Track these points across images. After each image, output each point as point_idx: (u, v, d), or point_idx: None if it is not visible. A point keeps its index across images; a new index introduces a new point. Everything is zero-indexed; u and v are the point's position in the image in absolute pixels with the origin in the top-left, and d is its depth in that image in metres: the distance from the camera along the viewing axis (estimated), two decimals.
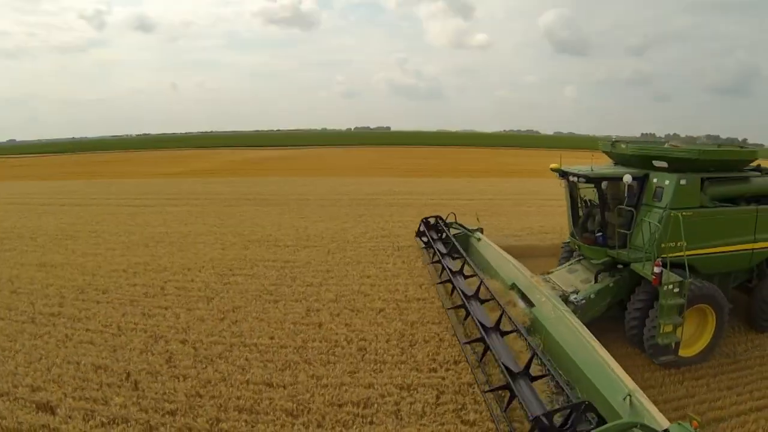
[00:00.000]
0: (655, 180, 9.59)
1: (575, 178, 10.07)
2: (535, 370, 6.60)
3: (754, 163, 10.79)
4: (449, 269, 10.74)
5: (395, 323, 9.56)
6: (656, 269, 8.52)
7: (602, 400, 5.92)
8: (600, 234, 10.11)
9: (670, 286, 8.32)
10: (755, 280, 10.38)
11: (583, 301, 9.36)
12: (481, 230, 13.86)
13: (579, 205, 10.70)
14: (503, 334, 7.67)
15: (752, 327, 10.43)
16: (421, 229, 14.42)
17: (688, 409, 7.74)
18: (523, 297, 9.30)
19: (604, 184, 9.73)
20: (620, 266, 9.85)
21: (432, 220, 14.68)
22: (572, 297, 9.47)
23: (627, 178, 9.19)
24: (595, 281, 9.97)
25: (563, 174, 10.45)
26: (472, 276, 10.44)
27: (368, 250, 15.34)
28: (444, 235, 13.46)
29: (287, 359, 8.50)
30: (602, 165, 10.75)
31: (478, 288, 9.42)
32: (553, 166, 10.57)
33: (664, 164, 9.52)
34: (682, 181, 9.21)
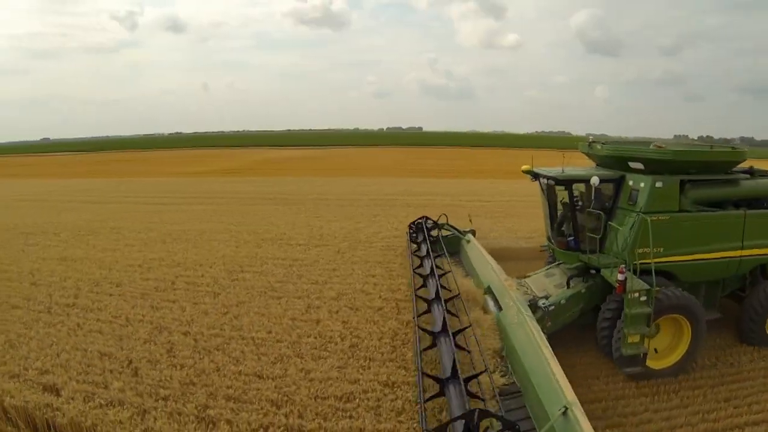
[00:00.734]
0: (630, 182, 9.42)
1: (545, 180, 10.05)
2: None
3: (746, 165, 10.52)
4: (418, 274, 11.00)
5: (391, 322, 9.97)
6: (620, 276, 8.48)
7: (542, 409, 6.05)
8: (572, 238, 10.03)
9: (636, 295, 8.19)
10: (748, 289, 10.03)
11: (552, 307, 9.26)
12: (473, 232, 14.04)
13: (556, 207, 10.60)
14: (456, 334, 7.64)
15: (741, 339, 10.08)
16: (412, 231, 14.56)
17: (679, 420, 7.83)
18: (495, 300, 9.44)
19: (573, 187, 9.72)
20: (593, 272, 9.71)
21: (426, 222, 14.83)
22: (541, 302, 9.35)
23: (594, 181, 9.04)
24: (567, 287, 9.91)
25: (535, 176, 10.39)
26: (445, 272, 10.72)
27: (378, 249, 15.80)
28: (428, 237, 13.50)
29: (281, 353, 9.04)
30: (579, 167, 10.58)
31: (438, 291, 9.44)
32: (524, 167, 10.51)
33: (640, 166, 9.33)
34: (658, 184, 8.98)
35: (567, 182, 9.76)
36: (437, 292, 9.24)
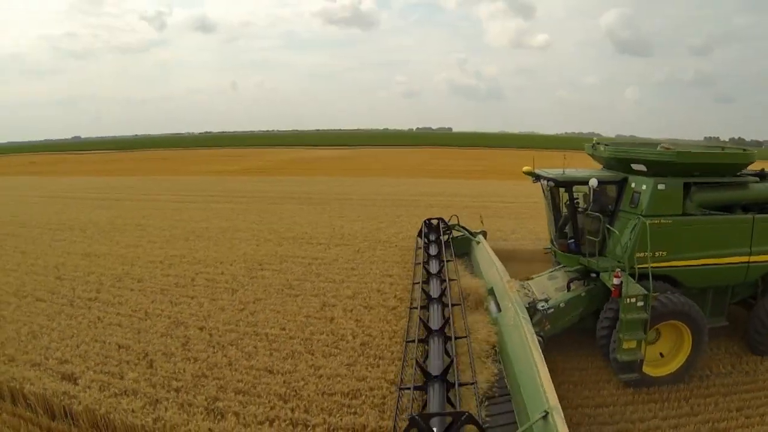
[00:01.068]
0: (633, 184, 9.29)
1: (546, 182, 10.00)
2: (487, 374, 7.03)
3: (757, 168, 10.23)
4: (427, 271, 11.07)
5: (403, 321, 10.07)
6: (615, 281, 8.37)
7: (525, 412, 6.08)
8: (572, 240, 9.95)
9: (633, 300, 8.06)
10: (759, 298, 9.70)
11: (551, 310, 9.20)
12: (485, 233, 14.03)
13: (557, 209, 10.48)
14: (447, 338, 7.75)
15: (748, 349, 9.75)
16: (424, 230, 14.62)
17: (688, 428, 7.65)
18: (496, 302, 9.48)
19: (575, 189, 9.65)
20: (594, 275, 9.58)
21: (434, 222, 14.91)
22: (540, 305, 9.29)
23: (593, 182, 8.99)
24: (568, 290, 9.83)
25: (537, 177, 10.33)
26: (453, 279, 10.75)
27: (397, 249, 15.96)
28: (442, 237, 13.61)
29: (292, 349, 9.29)
30: (583, 169, 10.46)
31: (443, 291, 9.67)
32: (525, 168, 10.46)
33: (643, 168, 9.20)
34: (661, 186, 8.84)
35: (567, 184, 9.72)
36: (443, 292, 9.48)
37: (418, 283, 10.62)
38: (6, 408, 8.05)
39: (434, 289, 9.92)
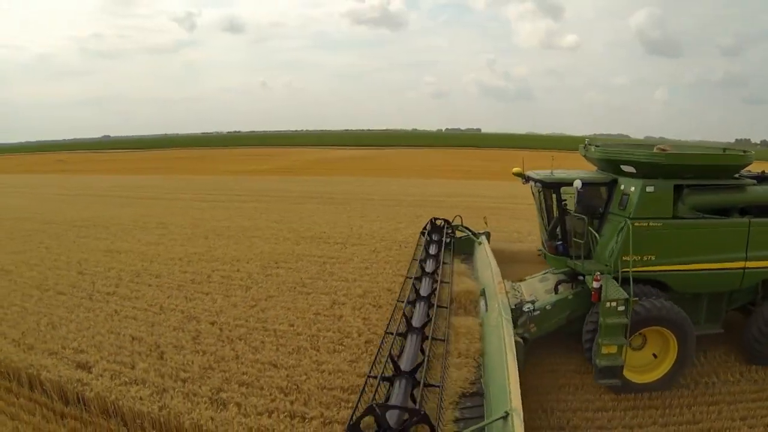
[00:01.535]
0: (622, 186, 9.30)
1: (533, 183, 10.08)
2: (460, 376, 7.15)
3: (753, 169, 10.09)
4: (422, 268, 11.37)
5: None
6: (595, 284, 8.44)
7: (490, 411, 6.23)
8: (560, 243, 10.00)
9: (613, 304, 8.06)
10: (759, 304, 9.51)
11: (537, 312, 9.28)
12: (488, 234, 14.17)
13: (546, 211, 10.48)
14: (426, 336, 7.95)
15: (745, 357, 9.59)
16: (427, 228, 14.89)
17: None
18: (486, 302, 9.61)
19: (562, 190, 9.68)
20: (581, 278, 9.60)
21: (439, 222, 15.16)
22: (526, 307, 9.41)
23: (577, 184, 9.01)
24: (555, 292, 9.92)
25: (526, 179, 10.42)
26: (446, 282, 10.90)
27: (413, 250, 16.22)
28: (444, 238, 13.88)
29: (298, 345, 9.71)
30: (574, 170, 10.45)
31: (434, 290, 9.87)
32: (515, 170, 10.56)
33: (632, 169, 9.17)
34: (649, 188, 8.81)
35: (554, 185, 9.81)
36: (432, 292, 9.74)
37: (411, 278, 10.84)
38: (23, 393, 8.71)
39: (424, 288, 10.19)
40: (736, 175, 9.69)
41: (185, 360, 9.25)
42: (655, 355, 8.87)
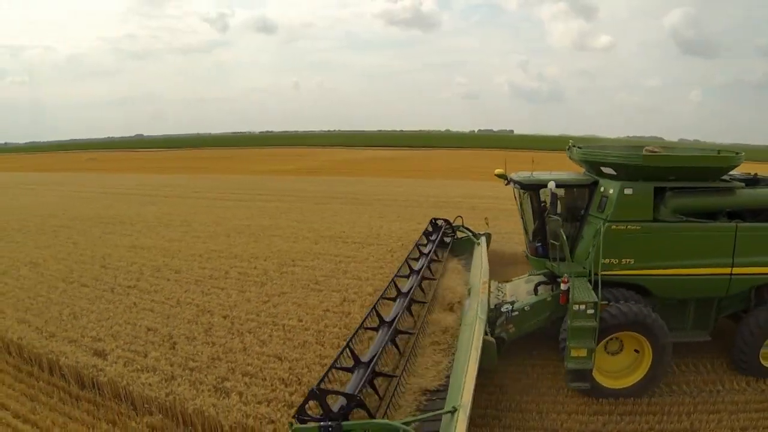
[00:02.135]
0: (602, 188, 9.34)
1: (514, 185, 10.21)
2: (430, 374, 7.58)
3: (740, 171, 10.00)
4: (410, 267, 11.82)
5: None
6: (563, 286, 8.58)
7: (445, 405, 6.41)
8: (539, 244, 10.09)
9: (582, 307, 8.14)
10: (751, 311, 9.37)
11: (516, 313, 9.39)
12: (488, 235, 14.37)
13: (529, 213, 10.56)
14: (398, 332, 8.48)
15: (733, 366, 9.50)
16: (429, 228, 15.19)
17: None
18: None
19: (541, 192, 9.76)
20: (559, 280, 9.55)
21: (440, 222, 15.52)
22: (504, 307, 9.54)
23: (551, 185, 9.10)
24: (535, 293, 10.05)
25: (508, 180, 10.51)
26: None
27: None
28: (437, 237, 14.28)
29: (304, 339, 10.18)
30: (556, 172, 10.51)
31: (413, 287, 10.40)
32: (497, 171, 10.66)
33: (612, 171, 9.20)
34: (627, 191, 8.82)
35: (532, 187, 9.92)
36: (410, 289, 10.21)
37: (399, 276, 11.28)
38: (43, 377, 9.54)
39: (408, 284, 10.61)
40: (726, 178, 9.64)
41: (195, 350, 9.85)
42: (637, 351, 8.88)
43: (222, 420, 7.56)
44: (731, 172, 9.78)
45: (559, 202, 9.35)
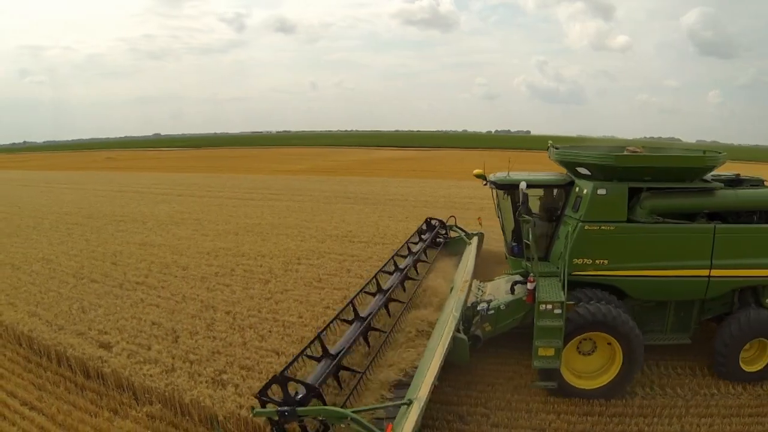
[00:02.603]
0: (577, 188, 9.39)
1: (490, 185, 10.28)
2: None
3: (723, 171, 9.96)
4: (395, 264, 12.12)
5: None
6: (529, 285, 8.69)
7: (405, 396, 6.73)
8: (515, 244, 10.22)
9: (548, 307, 8.20)
10: (733, 315, 9.30)
11: (492, 312, 9.45)
12: (482, 235, 14.56)
13: (505, 212, 10.61)
14: (370, 327, 8.93)
15: (714, 369, 9.44)
16: (423, 227, 15.43)
17: None
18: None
19: (515, 192, 9.69)
20: None
21: (434, 222, 15.74)
22: (481, 306, 9.63)
23: (522, 185, 9.17)
24: (511, 293, 10.05)
25: (487, 181, 10.53)
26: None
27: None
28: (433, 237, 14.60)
29: (302, 335, 10.51)
30: (537, 172, 10.61)
31: (393, 287, 10.74)
32: (476, 171, 10.68)
33: (587, 171, 9.24)
34: (600, 191, 8.82)
35: (505, 187, 10.01)
36: (391, 287, 10.59)
37: (383, 272, 11.56)
38: (51, 367, 10.03)
39: (389, 282, 10.94)
40: (709, 178, 9.63)
41: (197, 344, 10.29)
42: (609, 343, 8.86)
43: (217, 410, 7.94)
44: (715, 173, 9.74)
45: (530, 202, 9.46)
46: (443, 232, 15.14)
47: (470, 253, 12.74)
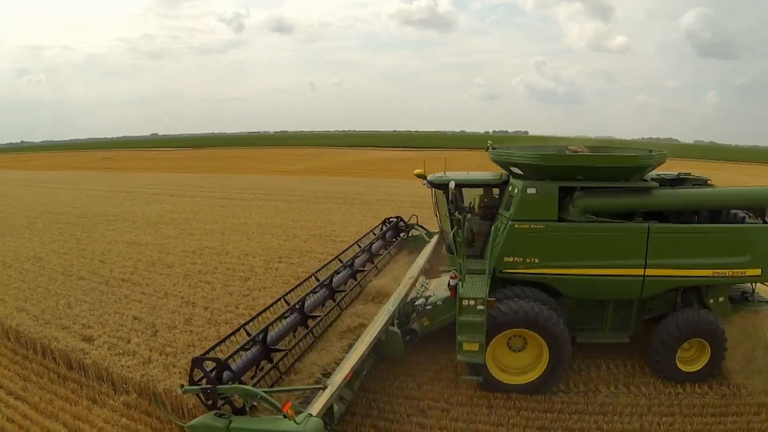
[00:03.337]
0: (510, 188, 9.58)
1: (426, 184, 10.52)
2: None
3: (668, 170, 10.11)
4: (340, 261, 12.70)
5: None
6: (451, 281, 9.02)
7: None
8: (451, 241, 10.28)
9: (472, 302, 8.38)
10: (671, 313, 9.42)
11: (429, 307, 9.86)
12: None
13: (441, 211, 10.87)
14: (309, 317, 9.68)
15: (651, 367, 9.60)
16: (383, 227, 16.02)
17: None
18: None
19: (448, 191, 9.83)
20: None
21: (393, 220, 16.41)
22: (418, 301, 10.04)
23: (451, 185, 9.31)
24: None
25: (426, 180, 10.70)
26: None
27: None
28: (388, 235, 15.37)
29: None
30: (473, 172, 10.92)
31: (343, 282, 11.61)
32: (417, 171, 10.94)
33: (519, 171, 9.37)
34: (530, 190, 8.93)
35: (441, 186, 10.15)
36: (331, 278, 11.27)
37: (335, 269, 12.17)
38: (36, 359, 10.64)
39: (338, 278, 11.64)
40: (650, 177, 9.72)
41: (174, 338, 10.85)
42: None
43: (186, 399, 8.46)
44: (657, 172, 9.92)
45: (474, 201, 9.96)
46: (402, 231, 15.79)
47: (426, 251, 13.23)
